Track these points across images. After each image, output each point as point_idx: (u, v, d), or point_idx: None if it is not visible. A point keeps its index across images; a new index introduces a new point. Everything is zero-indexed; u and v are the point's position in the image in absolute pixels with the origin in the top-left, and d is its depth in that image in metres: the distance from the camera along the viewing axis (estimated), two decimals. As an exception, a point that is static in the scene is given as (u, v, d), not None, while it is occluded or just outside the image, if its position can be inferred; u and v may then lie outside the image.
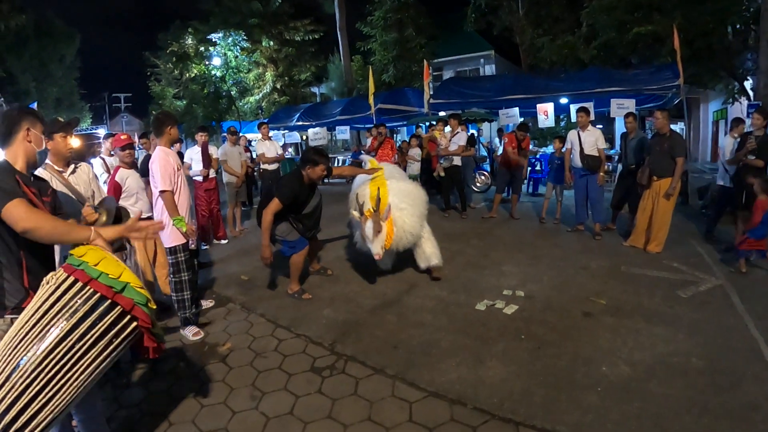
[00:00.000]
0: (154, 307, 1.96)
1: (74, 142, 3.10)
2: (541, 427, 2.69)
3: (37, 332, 1.73)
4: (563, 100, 11.14)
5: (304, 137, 16.78)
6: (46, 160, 3.05)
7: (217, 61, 21.23)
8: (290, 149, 14.70)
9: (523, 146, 8.18)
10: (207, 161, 6.87)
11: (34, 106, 8.99)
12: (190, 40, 22.76)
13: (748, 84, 11.96)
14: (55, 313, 1.75)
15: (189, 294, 4.07)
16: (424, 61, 13.45)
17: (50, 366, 1.71)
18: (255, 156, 9.19)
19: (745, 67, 12.07)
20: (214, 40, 21.25)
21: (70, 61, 27.18)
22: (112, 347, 1.83)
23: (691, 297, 4.49)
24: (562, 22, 16.84)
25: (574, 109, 9.56)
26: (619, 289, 4.75)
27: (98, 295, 1.78)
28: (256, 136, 11.28)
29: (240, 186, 7.86)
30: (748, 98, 11.32)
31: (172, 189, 3.89)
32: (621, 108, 9.14)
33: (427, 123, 11.98)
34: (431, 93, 12.11)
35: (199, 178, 6.83)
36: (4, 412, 1.65)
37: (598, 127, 7.19)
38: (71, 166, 3.20)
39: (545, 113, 10.77)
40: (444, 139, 8.41)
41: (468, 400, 2.97)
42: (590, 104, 8.51)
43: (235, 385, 3.30)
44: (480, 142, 12.51)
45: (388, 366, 3.42)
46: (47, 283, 1.84)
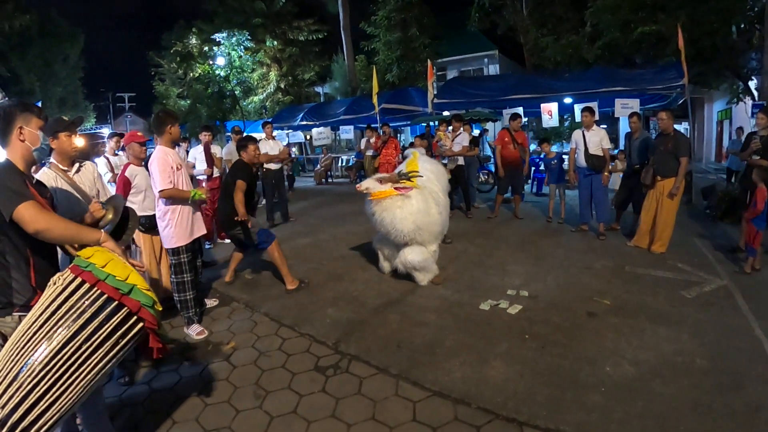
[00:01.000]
0: (160, 308, 1.98)
1: (78, 141, 3.09)
2: (545, 426, 2.69)
3: (45, 332, 1.74)
4: (567, 100, 11.13)
5: (308, 137, 16.81)
6: (51, 159, 3.04)
7: (221, 61, 21.25)
8: (294, 149, 14.72)
9: (519, 141, 8.10)
10: (210, 160, 6.89)
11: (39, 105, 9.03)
12: (194, 40, 22.79)
13: (753, 84, 11.91)
14: (63, 314, 1.77)
15: (192, 294, 4.08)
16: (428, 60, 13.47)
17: (58, 366, 1.72)
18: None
19: (750, 66, 12.03)
20: (218, 39, 21.27)
21: (74, 61, 27.30)
22: (118, 348, 1.84)
23: (696, 297, 4.47)
24: (567, 22, 16.77)
25: (578, 109, 9.54)
26: (623, 289, 4.74)
27: (105, 296, 1.80)
28: (261, 136, 11.31)
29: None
30: (753, 98, 11.28)
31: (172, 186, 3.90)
32: (625, 108, 9.12)
33: (436, 123, 11.96)
34: (435, 93, 12.10)
35: (203, 178, 6.85)
36: (12, 411, 1.66)
37: (602, 126, 7.18)
38: (76, 165, 3.20)
39: (549, 113, 10.77)
40: (447, 140, 8.41)
41: (472, 399, 2.97)
42: (594, 104, 8.48)
43: (239, 384, 3.31)
44: (485, 141, 12.49)
45: (392, 365, 3.43)
46: (54, 283, 1.85)
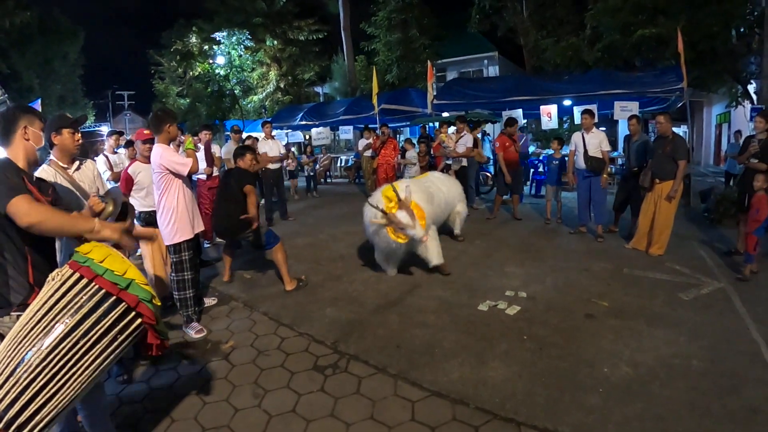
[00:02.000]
0: (158, 303, 1.97)
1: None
2: (543, 427, 2.69)
3: (42, 327, 1.74)
4: (567, 102, 11.13)
5: (308, 137, 16.80)
6: (51, 156, 3.03)
7: (221, 60, 21.27)
8: (293, 149, 14.73)
9: (515, 138, 8.17)
10: (210, 160, 6.88)
11: (38, 103, 9.01)
12: (194, 39, 22.80)
13: (752, 87, 11.95)
14: (61, 309, 1.76)
15: (192, 293, 4.08)
16: (428, 61, 13.49)
17: (55, 361, 1.71)
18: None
19: (749, 70, 12.07)
20: (218, 38, 21.28)
21: (74, 59, 27.21)
22: (116, 343, 1.84)
23: (693, 300, 4.49)
24: (567, 24, 16.83)
25: (577, 111, 9.55)
26: (621, 291, 4.75)
27: (103, 291, 1.80)
28: (260, 135, 11.33)
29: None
30: (752, 102, 11.31)
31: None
32: (624, 110, 9.13)
33: (437, 124, 11.97)
34: (435, 94, 12.12)
35: (203, 177, 6.84)
36: (9, 406, 1.65)
37: (602, 129, 7.19)
38: (76, 163, 3.19)
39: (549, 115, 10.77)
40: (450, 141, 8.42)
41: (470, 399, 2.98)
42: (594, 106, 8.48)
43: (238, 383, 3.31)
44: (488, 141, 12.51)
45: (391, 365, 3.43)
46: (53, 279, 1.85)
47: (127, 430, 2.87)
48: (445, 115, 12.63)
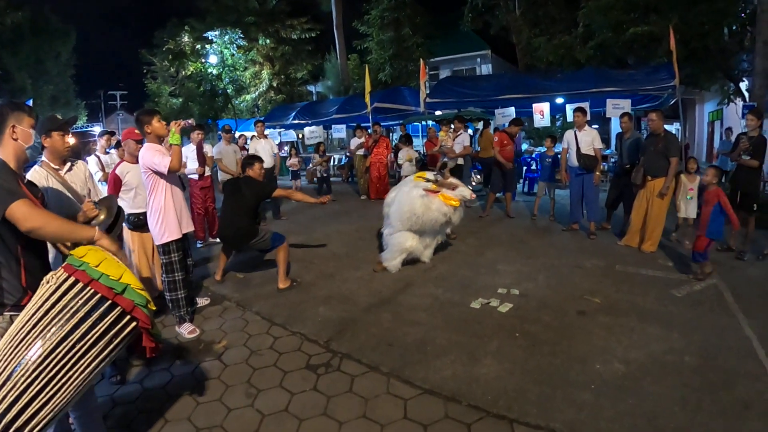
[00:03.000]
0: (154, 308, 1.97)
1: (69, 139, 3.07)
2: (536, 424, 2.70)
3: (38, 331, 1.73)
4: (559, 100, 11.16)
5: (300, 136, 16.74)
6: (42, 158, 3.01)
7: (213, 59, 21.21)
8: (286, 147, 14.66)
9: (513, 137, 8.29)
10: (202, 159, 6.85)
11: (30, 104, 8.95)
12: (186, 38, 22.73)
13: (744, 85, 12.02)
14: (56, 313, 1.76)
15: (183, 293, 4.06)
16: (421, 60, 13.45)
17: (51, 365, 1.71)
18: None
19: (741, 68, 12.13)
20: (210, 38, 21.24)
21: (65, 59, 27.10)
22: (111, 347, 1.83)
23: (685, 296, 4.51)
24: (559, 22, 16.82)
25: (570, 109, 9.58)
26: (614, 288, 4.77)
27: (99, 296, 1.79)
28: (253, 134, 11.26)
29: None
30: (744, 99, 11.37)
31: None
32: (617, 108, 9.16)
33: (427, 122, 11.96)
34: (427, 92, 12.12)
35: (195, 176, 6.81)
36: (5, 411, 1.65)
37: (594, 127, 7.21)
38: (67, 164, 3.18)
39: (541, 113, 10.79)
40: (449, 140, 8.44)
41: (462, 397, 2.98)
42: (586, 104, 8.51)
43: (231, 383, 3.30)
44: (471, 128, 12.51)
45: (383, 363, 3.43)
46: (47, 282, 1.84)
47: (121, 431, 2.86)
48: (438, 113, 12.64)
